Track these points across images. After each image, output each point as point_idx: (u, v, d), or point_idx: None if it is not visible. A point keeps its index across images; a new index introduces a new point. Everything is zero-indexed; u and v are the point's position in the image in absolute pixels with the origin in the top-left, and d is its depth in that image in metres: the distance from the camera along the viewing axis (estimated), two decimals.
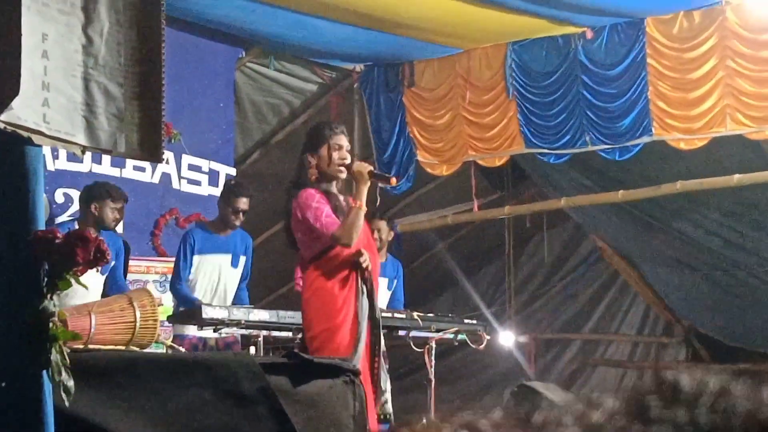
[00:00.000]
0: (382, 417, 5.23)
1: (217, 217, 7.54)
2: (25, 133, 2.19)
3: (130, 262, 7.90)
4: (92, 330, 4.96)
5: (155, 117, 2.48)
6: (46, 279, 2.26)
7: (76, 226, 6.84)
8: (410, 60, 9.41)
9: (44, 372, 2.27)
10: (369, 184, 5.35)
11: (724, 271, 9.30)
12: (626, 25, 8.23)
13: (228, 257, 7.40)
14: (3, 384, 2.22)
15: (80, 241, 2.25)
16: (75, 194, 7.80)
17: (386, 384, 5.38)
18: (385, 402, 5.29)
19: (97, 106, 2.38)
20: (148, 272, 8.32)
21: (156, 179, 8.65)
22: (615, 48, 8.29)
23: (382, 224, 8.22)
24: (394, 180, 5.64)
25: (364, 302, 5.25)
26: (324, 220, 5.20)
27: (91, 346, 4.15)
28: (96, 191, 7.07)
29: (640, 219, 9.26)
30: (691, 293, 9.90)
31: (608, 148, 8.36)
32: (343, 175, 5.43)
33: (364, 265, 5.25)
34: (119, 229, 8.07)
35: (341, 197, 5.41)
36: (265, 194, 9.42)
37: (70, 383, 2.27)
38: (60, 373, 2.23)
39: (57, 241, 2.23)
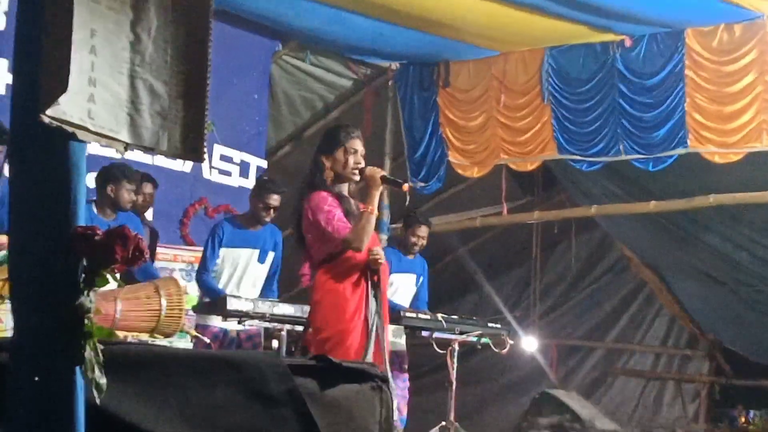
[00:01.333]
0: None
1: (248, 211, 7.54)
2: (69, 129, 2.19)
3: (158, 250, 7.92)
4: (117, 316, 4.97)
5: (198, 117, 2.47)
6: (83, 275, 2.26)
7: (94, 209, 6.84)
8: (446, 60, 9.40)
9: (77, 368, 2.27)
10: (381, 189, 5.34)
11: (752, 286, 9.24)
12: (666, 35, 8.19)
13: (255, 252, 7.40)
14: (36, 378, 2.22)
15: (120, 238, 2.24)
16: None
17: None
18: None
19: (142, 103, 2.37)
20: (175, 260, 8.34)
21: (187, 168, 8.66)
22: (653, 58, 8.25)
23: (425, 230, 8.23)
24: (406, 186, 5.60)
25: (373, 305, 5.25)
26: (336, 224, 5.18)
27: (117, 332, 4.15)
28: (111, 173, 7.02)
29: (670, 230, 9.21)
30: (717, 307, 9.86)
31: (642, 158, 8.31)
32: (357, 179, 5.40)
33: (379, 260, 5.25)
34: (149, 215, 8.11)
35: (353, 201, 5.39)
36: (294, 188, 9.43)
37: (103, 381, 2.27)
38: (93, 371, 2.23)
39: (96, 237, 2.22)
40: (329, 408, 3.23)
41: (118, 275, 2.33)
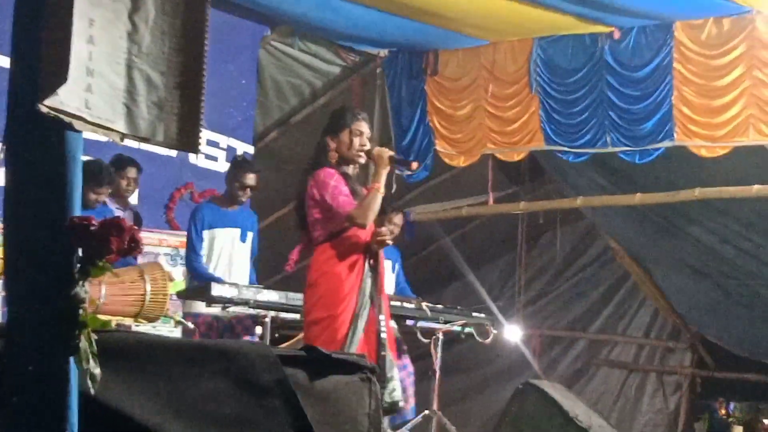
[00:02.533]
0: (387, 406, 5.22)
1: (225, 192, 7.56)
2: (67, 119, 2.19)
3: (143, 234, 7.89)
4: (102, 300, 4.95)
5: (195, 108, 2.47)
6: (78, 266, 2.26)
7: None
8: (435, 48, 9.37)
9: (71, 358, 2.27)
10: (389, 168, 5.37)
11: (736, 279, 9.28)
12: (655, 28, 8.18)
13: (237, 231, 7.44)
14: (30, 368, 2.22)
15: (115, 229, 2.24)
16: None
17: (393, 371, 5.36)
18: (393, 390, 5.27)
19: (139, 93, 2.37)
20: (161, 245, 8.32)
21: (173, 153, 8.62)
22: (642, 50, 8.24)
23: (399, 218, 8.25)
24: (415, 165, 5.67)
25: (368, 289, 5.25)
26: (341, 199, 5.21)
27: (100, 317, 4.14)
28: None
29: (656, 223, 9.24)
30: (701, 300, 9.90)
31: (628, 151, 8.32)
32: (362, 161, 5.44)
33: (386, 240, 5.25)
34: (134, 200, 8.09)
35: (357, 182, 5.42)
36: (281, 174, 9.42)
37: (97, 371, 2.27)
38: (87, 361, 2.23)
39: (92, 228, 2.22)
40: (319, 399, 3.24)
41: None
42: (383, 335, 5.29)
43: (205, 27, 2.51)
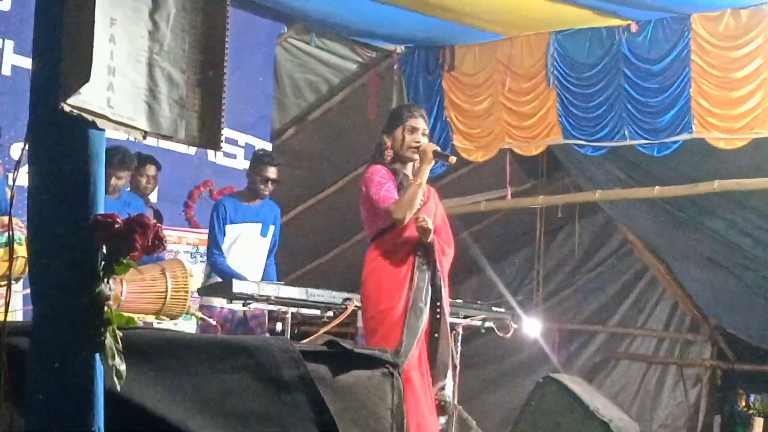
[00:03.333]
0: (441, 404, 5.23)
1: (246, 187, 7.58)
2: (90, 117, 2.20)
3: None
4: (123, 297, 4.97)
5: (216, 105, 2.48)
6: (103, 263, 2.28)
7: None
8: (451, 44, 9.37)
9: (97, 355, 2.28)
10: (432, 164, 5.34)
11: (756, 271, 9.24)
12: (672, 21, 8.16)
13: (258, 226, 7.45)
14: (56, 365, 2.24)
15: (139, 227, 2.25)
16: None
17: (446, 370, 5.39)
18: (442, 388, 5.28)
19: (160, 92, 2.38)
20: (180, 243, 8.35)
21: (192, 150, 8.67)
22: (659, 43, 8.22)
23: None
24: (453, 159, 5.63)
25: (422, 282, 5.22)
26: (383, 194, 5.20)
27: (124, 314, 4.16)
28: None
29: (674, 216, 9.21)
30: (720, 292, 9.86)
31: (647, 144, 8.30)
32: (416, 157, 5.39)
33: (425, 225, 5.20)
34: (153, 197, 8.13)
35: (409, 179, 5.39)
36: (298, 171, 9.45)
37: (122, 367, 2.29)
38: (113, 357, 2.25)
39: (116, 226, 2.24)
40: (341, 394, 3.25)
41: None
42: (439, 338, 5.26)
43: (226, 24, 2.52)
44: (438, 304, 5.25)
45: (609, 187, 9.27)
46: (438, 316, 5.24)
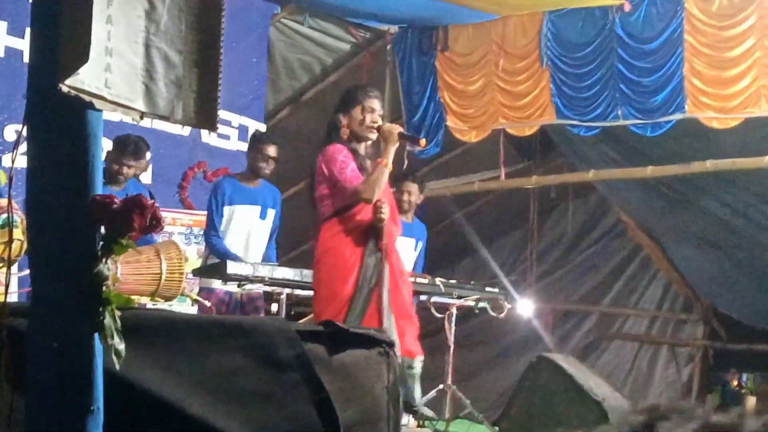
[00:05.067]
0: None
1: (246, 168, 7.58)
2: (87, 98, 2.21)
3: None
4: (118, 279, 4.98)
5: (212, 85, 2.49)
6: (101, 243, 2.29)
7: None
8: (445, 24, 9.35)
9: (96, 335, 2.29)
10: (397, 144, 5.40)
11: (748, 251, 9.28)
12: (665, 0, 8.16)
13: (257, 209, 7.46)
14: (55, 345, 2.25)
15: (137, 207, 2.27)
16: (107, 142, 7.83)
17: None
18: None
19: (157, 72, 2.39)
20: (174, 224, 8.35)
21: (185, 132, 8.66)
22: (652, 22, 8.22)
23: (414, 187, 8.25)
24: (423, 141, 5.67)
25: (371, 266, 5.28)
26: (348, 174, 5.25)
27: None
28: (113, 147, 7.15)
29: (667, 195, 9.23)
30: (713, 272, 9.90)
31: (640, 123, 8.31)
32: (374, 137, 5.47)
33: (382, 214, 5.27)
34: (147, 178, 8.13)
35: (368, 159, 5.44)
36: (292, 151, 9.43)
37: (121, 347, 2.30)
38: (112, 337, 2.26)
39: (114, 206, 2.25)
40: (337, 373, 3.28)
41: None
42: (386, 318, 5.31)
43: (222, 4, 2.53)
44: (386, 285, 5.29)
45: (602, 167, 9.28)
46: (386, 296, 5.29)
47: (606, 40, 8.43)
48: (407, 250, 8.20)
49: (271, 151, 7.38)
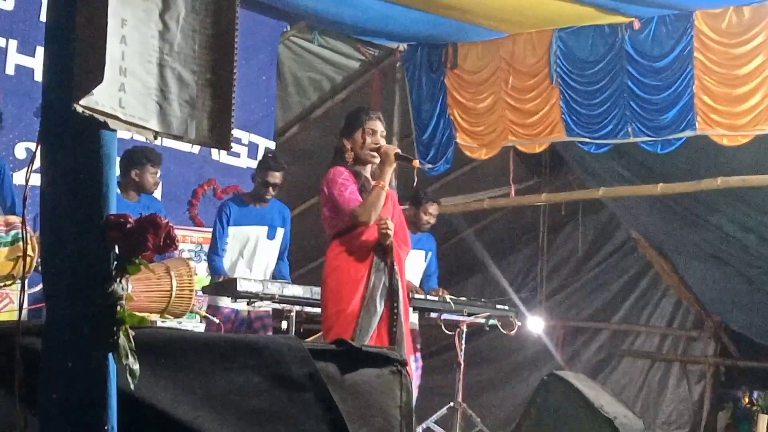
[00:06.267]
0: None
1: (253, 189, 7.60)
2: (101, 118, 2.21)
3: None
4: (132, 298, 4.98)
5: (226, 105, 2.49)
6: (115, 263, 2.29)
7: (117, 190, 6.89)
8: (454, 41, 9.38)
9: (110, 355, 2.29)
10: (394, 165, 5.43)
11: (759, 268, 9.26)
12: (675, 18, 8.17)
13: (264, 229, 7.46)
14: (69, 365, 2.24)
15: (152, 226, 2.27)
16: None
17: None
18: None
19: (171, 92, 2.38)
20: (184, 241, 8.36)
21: (195, 149, 8.69)
22: (662, 40, 8.24)
23: (435, 207, 8.28)
24: (416, 162, 5.70)
25: (379, 284, 5.29)
26: (347, 195, 5.29)
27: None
28: (136, 157, 7.14)
29: (678, 212, 9.22)
30: (724, 289, 9.87)
31: (650, 141, 8.32)
32: (377, 160, 5.48)
33: (387, 231, 5.29)
34: (157, 195, 8.14)
35: (372, 182, 5.45)
36: (302, 169, 9.46)
37: (136, 366, 2.30)
38: (127, 357, 2.26)
39: (129, 226, 2.25)
40: (350, 392, 3.26)
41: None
42: (396, 332, 5.32)
43: (235, 24, 2.53)
44: (395, 303, 5.30)
45: (612, 185, 9.27)
46: (395, 314, 5.29)
47: (616, 57, 8.44)
48: (417, 261, 8.23)
49: (273, 178, 7.39)
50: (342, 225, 5.35)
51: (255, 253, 7.41)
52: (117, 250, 2.29)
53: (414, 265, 8.15)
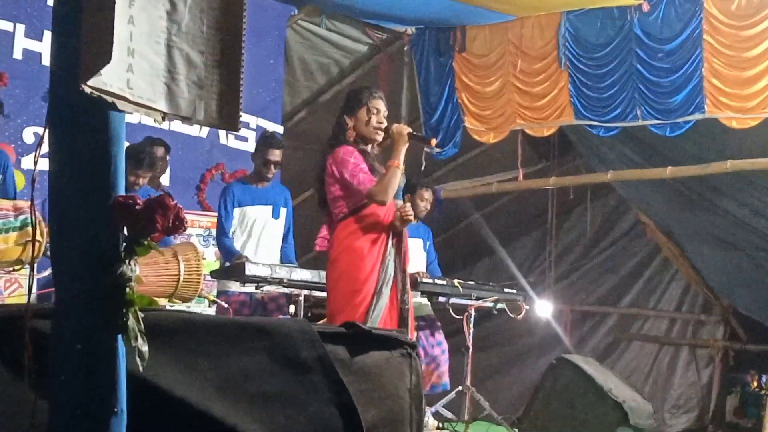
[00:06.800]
0: None
1: (254, 169, 7.58)
2: (109, 99, 2.20)
3: None
4: (141, 280, 4.97)
5: (234, 86, 2.48)
6: (124, 244, 2.28)
7: None
8: (462, 25, 9.34)
9: (119, 336, 2.29)
10: (407, 145, 5.41)
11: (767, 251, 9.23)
12: (684, 0, 8.13)
13: (269, 208, 7.44)
14: (78, 347, 2.24)
15: (160, 208, 2.26)
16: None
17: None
18: None
19: (179, 73, 2.37)
20: (192, 226, 8.36)
21: (203, 133, 8.68)
22: (671, 22, 8.19)
23: (429, 193, 8.27)
24: (434, 141, 5.70)
25: (391, 266, 5.28)
26: (361, 176, 5.26)
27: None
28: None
29: (686, 196, 9.19)
30: (733, 272, 9.84)
31: (659, 124, 8.29)
32: (380, 138, 5.49)
33: (409, 217, 5.29)
34: (165, 180, 8.14)
35: (376, 161, 5.45)
36: (309, 153, 9.42)
37: (145, 348, 2.29)
38: (136, 339, 2.25)
39: (137, 207, 2.24)
40: (359, 375, 3.25)
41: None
42: (406, 314, 5.32)
43: (243, 4, 2.52)
44: (404, 286, 5.34)
45: (621, 168, 9.25)
46: (404, 298, 5.29)
47: (625, 40, 8.41)
48: (417, 250, 8.22)
49: (274, 155, 7.36)
50: (354, 203, 5.33)
51: (262, 234, 7.40)
52: (125, 232, 2.28)
53: (415, 253, 8.16)
